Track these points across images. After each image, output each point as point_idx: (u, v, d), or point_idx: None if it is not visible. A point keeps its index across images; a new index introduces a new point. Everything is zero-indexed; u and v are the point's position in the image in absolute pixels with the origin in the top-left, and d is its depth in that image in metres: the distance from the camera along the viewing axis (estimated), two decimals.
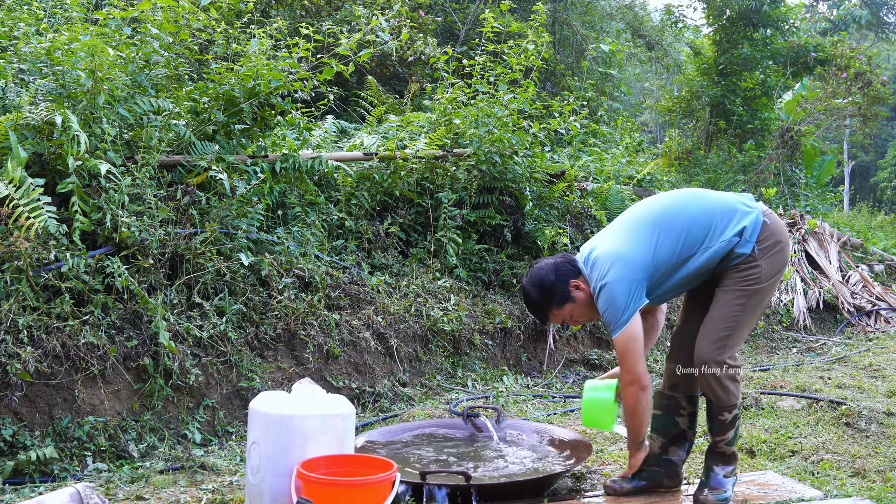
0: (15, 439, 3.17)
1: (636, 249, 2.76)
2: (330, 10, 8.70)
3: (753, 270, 2.78)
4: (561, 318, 2.94)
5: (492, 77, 6.21)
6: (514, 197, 6.11)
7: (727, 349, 2.77)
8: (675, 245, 2.78)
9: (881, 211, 18.77)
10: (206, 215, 4.34)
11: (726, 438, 2.87)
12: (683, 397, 3.02)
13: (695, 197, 2.89)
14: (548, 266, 2.89)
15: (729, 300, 2.79)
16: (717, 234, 2.78)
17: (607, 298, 2.73)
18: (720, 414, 2.84)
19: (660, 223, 2.80)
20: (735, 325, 2.77)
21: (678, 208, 2.84)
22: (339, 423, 2.72)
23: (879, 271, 9.27)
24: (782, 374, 5.51)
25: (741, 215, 2.80)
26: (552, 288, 2.87)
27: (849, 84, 12.07)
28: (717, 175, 11.88)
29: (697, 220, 2.80)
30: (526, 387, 5.05)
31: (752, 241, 2.78)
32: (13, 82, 4.25)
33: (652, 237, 2.78)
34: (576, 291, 2.87)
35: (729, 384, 2.78)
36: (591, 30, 12.51)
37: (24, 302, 3.44)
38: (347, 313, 4.64)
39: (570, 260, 2.92)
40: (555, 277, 2.87)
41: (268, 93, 4.82)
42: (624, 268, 2.73)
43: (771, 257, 2.80)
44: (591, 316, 2.94)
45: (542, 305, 2.91)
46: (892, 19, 23.66)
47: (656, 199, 2.96)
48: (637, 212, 2.91)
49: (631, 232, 2.82)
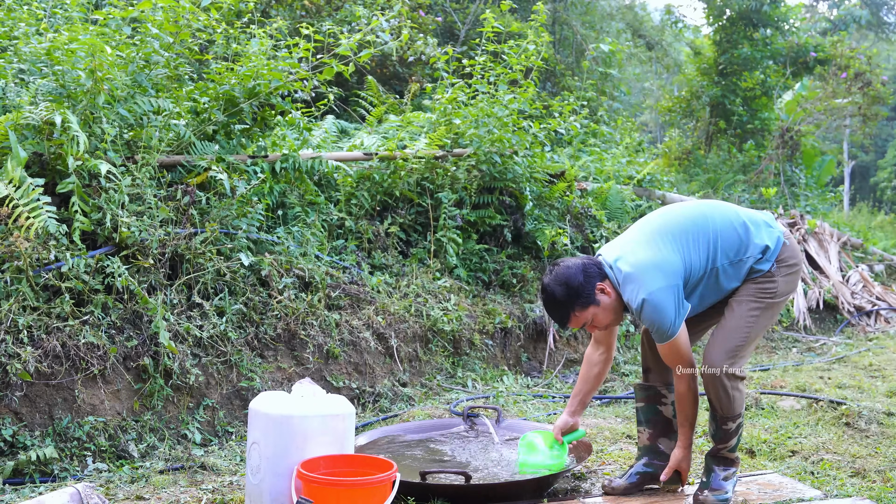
0: (15, 439, 3.16)
1: (670, 255, 2.74)
2: (330, 10, 8.70)
3: (770, 285, 2.80)
4: (581, 322, 2.85)
5: (492, 77, 6.20)
6: (514, 197, 6.11)
7: (738, 360, 2.79)
8: (706, 253, 2.77)
9: (881, 211, 18.75)
10: (206, 215, 4.34)
11: (729, 446, 2.88)
12: (662, 385, 3.03)
13: (719, 210, 2.88)
14: (576, 266, 2.82)
15: (744, 311, 2.80)
16: (744, 249, 2.79)
17: (654, 310, 2.69)
18: (724, 423, 2.84)
19: (688, 231, 2.79)
20: (748, 337, 2.79)
21: (705, 219, 2.83)
22: (339, 423, 2.72)
23: (879, 271, 9.27)
24: (782, 374, 5.51)
25: (766, 233, 2.82)
26: (579, 289, 2.78)
27: (849, 84, 12.07)
28: (717, 175, 11.89)
29: (724, 232, 2.80)
30: (526, 387, 5.05)
31: (772, 260, 2.80)
32: (13, 82, 4.25)
33: (683, 245, 2.77)
34: (601, 295, 2.81)
35: (735, 394, 2.80)
36: (591, 30, 12.52)
37: (24, 302, 3.44)
38: (347, 313, 4.64)
39: (597, 262, 2.85)
40: (583, 278, 2.79)
41: (268, 93, 4.82)
42: (663, 275, 2.70)
43: (787, 276, 2.83)
44: (610, 321, 2.90)
45: (565, 305, 2.81)
46: (892, 19, 23.66)
47: (679, 208, 2.94)
48: (661, 221, 2.87)
49: (660, 239, 2.79)
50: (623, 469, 3.35)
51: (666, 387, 3.03)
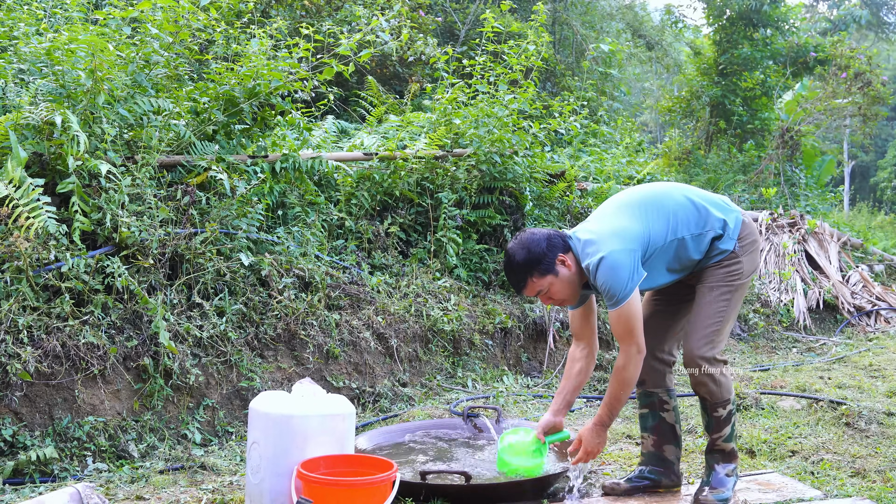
0: (15, 439, 3.17)
1: (629, 223, 2.78)
2: (330, 10, 8.70)
3: (736, 266, 2.85)
4: (536, 290, 2.84)
5: (492, 77, 6.21)
6: (514, 197, 6.11)
7: (717, 345, 2.82)
8: (665, 224, 2.81)
9: (881, 211, 18.77)
10: (206, 215, 4.33)
11: (723, 435, 2.89)
12: (663, 391, 3.04)
13: (677, 188, 2.95)
14: (540, 234, 2.84)
15: (715, 297, 2.84)
16: (703, 223, 2.84)
17: (609, 269, 2.69)
18: (714, 410, 2.87)
19: (647, 204, 2.85)
20: (723, 321, 2.83)
21: (664, 193, 2.90)
22: (339, 423, 2.72)
23: (879, 271, 9.27)
24: (782, 374, 5.51)
25: (723, 210, 2.89)
26: (540, 256, 2.79)
27: (849, 84, 12.07)
28: (717, 175, 11.89)
29: (684, 206, 2.86)
30: (526, 387, 5.04)
31: (734, 238, 2.85)
32: (13, 82, 4.25)
33: (642, 215, 2.81)
34: (561, 266, 2.81)
35: (722, 379, 2.84)
36: (591, 30, 12.52)
37: (24, 302, 3.44)
38: (347, 313, 4.64)
39: (563, 235, 2.88)
40: (546, 246, 2.80)
41: (268, 93, 4.82)
42: (620, 239, 2.73)
43: (750, 255, 2.90)
44: (566, 296, 2.86)
45: (523, 270, 2.81)
46: (892, 19, 23.66)
47: (639, 187, 3.01)
48: (621, 198, 2.94)
49: (619, 212, 2.85)
50: (623, 469, 3.35)
51: (667, 392, 3.04)
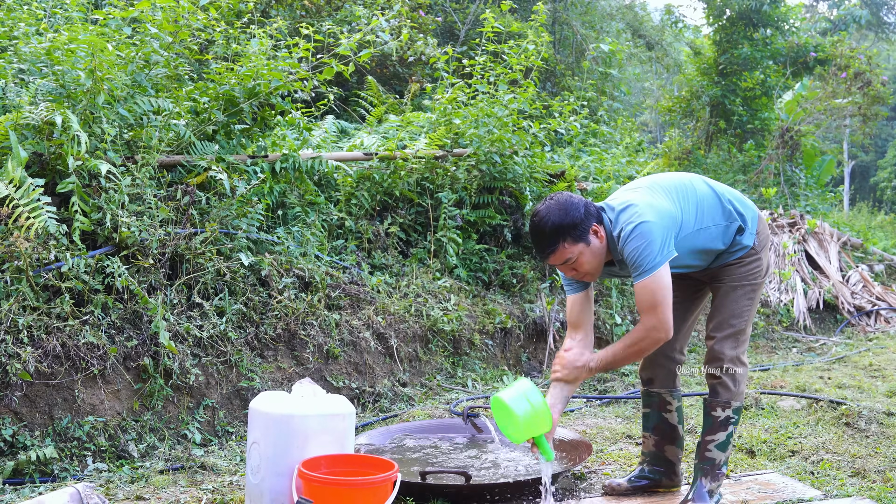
0: (15, 439, 3.16)
1: (666, 203, 2.73)
2: (330, 10, 8.70)
3: (756, 264, 2.85)
4: (565, 258, 2.67)
5: (492, 77, 6.20)
6: (514, 197, 6.11)
7: (742, 343, 2.83)
8: (694, 212, 2.77)
9: (881, 211, 18.76)
10: (206, 215, 4.33)
11: (716, 439, 2.81)
12: (667, 392, 3.03)
13: (701, 179, 2.92)
14: (578, 199, 2.69)
15: (739, 295, 2.83)
16: (728, 215, 2.82)
17: (642, 237, 2.59)
18: (714, 409, 2.83)
19: (679, 190, 2.80)
20: (748, 320, 2.84)
21: (691, 183, 2.86)
22: (339, 423, 2.72)
23: (879, 271, 9.27)
24: (782, 374, 5.51)
25: (742, 206, 2.88)
26: (577, 221, 2.64)
27: (849, 84, 12.07)
28: (717, 175, 11.87)
29: (710, 196, 2.83)
30: None
31: (753, 234, 2.84)
32: (13, 82, 4.25)
33: (676, 199, 2.77)
34: (593, 236, 2.69)
35: (740, 379, 2.82)
36: (591, 30, 12.50)
37: (24, 302, 3.44)
38: (347, 313, 4.64)
39: (598, 206, 2.76)
40: (584, 212, 2.66)
41: (268, 93, 4.81)
42: (658, 214, 2.65)
43: (767, 251, 2.92)
44: (592, 268, 2.72)
45: (556, 234, 2.63)
46: (892, 19, 23.66)
47: (664, 174, 2.96)
48: (654, 180, 2.87)
49: (654, 192, 2.77)
50: (623, 469, 3.35)
51: (670, 393, 3.03)
